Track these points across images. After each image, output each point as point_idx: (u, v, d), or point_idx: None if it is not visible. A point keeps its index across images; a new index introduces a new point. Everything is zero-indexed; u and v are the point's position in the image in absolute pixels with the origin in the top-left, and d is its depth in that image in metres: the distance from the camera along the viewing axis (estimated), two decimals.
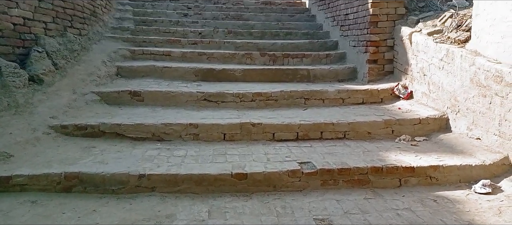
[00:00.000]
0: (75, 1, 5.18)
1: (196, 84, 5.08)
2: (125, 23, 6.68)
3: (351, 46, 5.83)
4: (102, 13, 6.16)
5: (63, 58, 4.59)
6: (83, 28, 5.36)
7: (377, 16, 5.02)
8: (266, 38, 6.86)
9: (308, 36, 6.95)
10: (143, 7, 7.60)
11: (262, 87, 4.96)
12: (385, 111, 4.39)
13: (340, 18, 6.28)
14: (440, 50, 4.01)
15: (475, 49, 3.71)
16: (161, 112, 4.22)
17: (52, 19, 4.66)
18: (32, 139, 3.41)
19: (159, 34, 6.53)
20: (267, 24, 7.36)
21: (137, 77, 5.19)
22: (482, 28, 3.63)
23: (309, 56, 6.09)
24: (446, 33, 4.15)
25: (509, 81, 3.09)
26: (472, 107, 3.59)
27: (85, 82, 4.58)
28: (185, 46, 6.27)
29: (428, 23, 4.58)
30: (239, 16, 7.63)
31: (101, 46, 5.53)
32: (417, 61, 4.51)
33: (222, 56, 5.94)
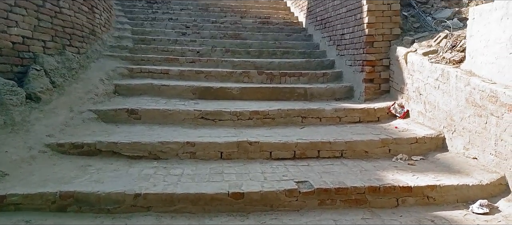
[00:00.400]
0: (75, 20, 5.23)
1: (194, 102, 5.09)
2: (123, 41, 6.73)
3: (348, 65, 5.89)
4: (101, 32, 6.21)
5: (61, 76, 4.60)
6: (82, 47, 5.40)
7: (372, 36, 5.09)
8: (264, 57, 6.91)
9: (305, 55, 7.02)
10: (142, 26, 7.67)
11: (259, 105, 4.98)
12: (382, 130, 4.40)
13: (337, 38, 6.35)
14: (435, 70, 4.05)
15: (470, 69, 3.76)
16: (158, 130, 4.21)
17: (51, 37, 4.69)
18: (27, 157, 3.39)
19: (158, 53, 6.58)
20: (265, 43, 7.43)
21: (134, 95, 5.20)
22: (477, 49, 3.68)
23: (306, 74, 6.14)
24: (441, 53, 4.21)
25: (504, 101, 3.12)
26: (468, 126, 3.61)
27: (82, 100, 4.58)
28: (183, 64, 6.31)
29: (423, 43, 4.64)
30: (237, 35, 7.70)
31: (99, 64, 5.56)
32: (412, 81, 4.55)
33: (220, 74, 5.98)
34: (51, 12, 4.69)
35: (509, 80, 3.25)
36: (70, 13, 5.13)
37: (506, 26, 3.29)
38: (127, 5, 8.50)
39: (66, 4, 5.02)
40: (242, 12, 9.14)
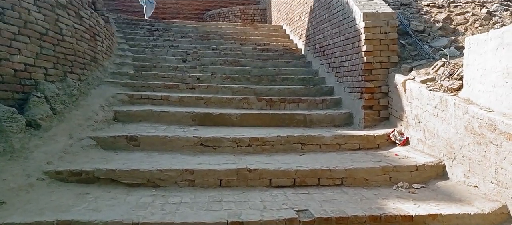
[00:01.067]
0: (77, 48, 5.30)
1: (193, 129, 5.10)
2: (124, 68, 6.80)
3: (347, 92, 5.93)
4: (103, 59, 6.28)
5: (62, 103, 4.62)
6: (83, 74, 5.45)
7: (371, 64, 5.15)
8: (263, 83, 6.97)
9: (304, 82, 7.08)
10: (143, 53, 7.77)
11: (259, 132, 4.98)
12: (382, 157, 4.39)
13: (335, 65, 6.43)
14: (433, 98, 4.08)
15: (468, 98, 3.78)
16: (157, 157, 4.20)
17: (53, 65, 4.75)
18: (25, 185, 3.36)
19: (158, 79, 6.63)
20: (264, 69, 7.51)
21: (134, 121, 5.20)
22: (474, 78, 3.72)
23: (305, 101, 6.17)
24: (439, 81, 4.25)
25: (503, 129, 3.13)
26: (468, 154, 3.60)
27: (82, 127, 4.58)
28: (183, 91, 6.35)
29: (421, 71, 4.69)
30: (237, 62, 7.79)
31: (99, 91, 5.59)
32: (411, 108, 4.58)
33: (220, 101, 6.01)
34: (53, 40, 4.77)
35: (507, 109, 3.27)
36: (73, 41, 5.20)
37: (501, 55, 3.34)
38: (128, 33, 8.64)
39: (69, 32, 5.10)
40: (242, 40, 9.28)
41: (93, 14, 6.01)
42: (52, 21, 4.77)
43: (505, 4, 6.19)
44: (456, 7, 6.21)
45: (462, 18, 5.76)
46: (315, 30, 7.49)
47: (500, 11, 5.82)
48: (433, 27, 5.63)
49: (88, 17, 5.76)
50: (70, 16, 5.22)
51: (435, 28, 5.60)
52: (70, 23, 5.18)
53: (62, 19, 4.98)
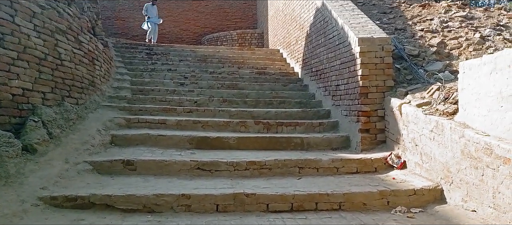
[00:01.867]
0: (75, 72, 5.34)
1: (190, 152, 5.08)
2: (122, 92, 6.83)
3: (343, 115, 5.96)
4: (101, 83, 6.32)
5: (59, 127, 4.61)
6: (80, 97, 5.47)
7: (366, 88, 5.20)
8: (260, 106, 7.00)
9: (301, 105, 7.11)
10: (141, 76, 7.82)
11: (256, 155, 4.97)
12: (380, 181, 4.37)
13: (332, 88, 6.48)
14: (429, 121, 4.11)
15: (464, 122, 3.81)
16: (153, 182, 4.17)
17: (51, 89, 4.77)
18: (20, 211, 3.32)
19: (155, 103, 6.66)
20: (261, 93, 7.56)
21: (131, 145, 5.19)
22: (469, 102, 3.76)
23: (302, 124, 6.19)
24: (435, 105, 4.29)
25: (499, 153, 3.14)
26: (465, 178, 3.60)
27: (78, 151, 4.56)
28: (181, 114, 6.37)
29: (417, 95, 4.74)
30: (234, 85, 7.85)
31: (97, 115, 5.60)
32: (408, 132, 4.60)
33: (217, 124, 6.02)
34: (52, 64, 4.80)
35: (502, 133, 3.30)
36: (71, 65, 5.24)
37: (495, 80, 3.39)
38: (127, 56, 8.72)
39: (68, 57, 5.15)
40: (240, 63, 9.37)
41: (92, 39, 6.08)
42: (51, 46, 4.82)
43: (497, 29, 6.32)
44: (449, 31, 6.33)
45: (456, 42, 5.86)
46: (312, 54, 7.59)
47: (492, 36, 5.93)
48: (428, 52, 5.71)
49: (87, 42, 5.83)
50: (70, 41, 5.27)
51: (430, 52, 5.69)
52: (69, 48, 5.23)
53: (61, 44, 5.04)
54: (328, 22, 6.54)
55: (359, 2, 8.97)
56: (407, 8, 8.09)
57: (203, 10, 15.57)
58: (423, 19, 7.07)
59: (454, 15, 7.01)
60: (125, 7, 15.77)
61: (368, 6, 8.70)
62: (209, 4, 15.83)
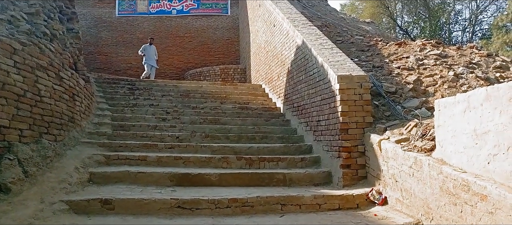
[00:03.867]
0: (55, 108, 5.26)
1: (171, 190, 4.99)
2: (102, 128, 6.74)
3: (325, 150, 6.01)
4: (81, 119, 6.23)
5: (35, 166, 4.49)
6: (59, 134, 5.36)
7: (347, 123, 5.29)
8: (243, 141, 7.00)
9: (283, 140, 7.14)
10: (122, 112, 7.76)
11: (238, 192, 4.92)
12: (362, 218, 4.37)
13: (313, 124, 6.56)
14: (408, 158, 4.19)
15: (441, 158, 3.90)
16: (132, 222, 4.06)
17: (29, 126, 4.67)
18: None
19: (136, 139, 6.58)
20: (244, 128, 7.58)
21: (110, 183, 5.07)
22: (445, 139, 3.87)
23: (284, 159, 6.19)
24: (413, 141, 4.38)
25: (476, 190, 3.21)
26: (445, 214, 3.64)
27: (55, 190, 4.43)
28: (162, 150, 6.29)
29: (395, 131, 4.84)
30: (217, 120, 7.85)
31: (75, 152, 5.48)
32: (388, 168, 4.66)
33: (199, 160, 5.96)
34: (31, 101, 4.73)
35: (478, 169, 3.38)
36: (51, 101, 5.18)
37: (469, 118, 3.51)
38: (108, 92, 8.67)
39: (48, 93, 5.09)
40: (222, 98, 9.42)
41: (73, 75, 6.04)
42: (31, 83, 4.77)
43: (470, 67, 6.60)
44: (425, 69, 6.57)
45: (431, 80, 6.08)
46: (293, 89, 7.72)
47: (466, 74, 6.19)
48: (405, 89, 5.90)
49: (68, 78, 5.79)
50: (50, 77, 5.23)
51: (406, 89, 5.87)
52: (50, 84, 5.18)
53: (42, 80, 4.99)
54: (308, 60, 6.71)
55: (338, 40, 9.28)
56: (384, 46, 8.40)
57: (186, 46, 15.77)
58: (400, 57, 7.33)
59: (429, 53, 7.30)
60: (108, 42, 15.84)
61: (346, 43, 9.00)
62: (192, 40, 16.06)
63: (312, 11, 12.99)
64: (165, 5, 16.09)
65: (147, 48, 12.76)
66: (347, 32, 10.91)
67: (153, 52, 12.90)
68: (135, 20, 16.01)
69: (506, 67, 6.69)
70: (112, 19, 15.97)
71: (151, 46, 12.84)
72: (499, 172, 3.13)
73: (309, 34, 7.28)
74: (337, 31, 10.82)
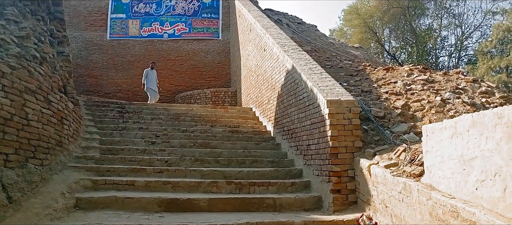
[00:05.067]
0: (42, 132, 5.19)
1: (159, 216, 4.91)
2: (90, 151, 6.65)
3: (315, 175, 6.00)
4: (68, 143, 6.14)
5: (20, 191, 4.39)
6: (46, 159, 5.27)
7: (336, 148, 5.31)
8: (233, 166, 6.95)
9: (273, 164, 7.12)
10: (111, 135, 7.68)
11: (228, 218, 4.86)
12: None
13: (303, 148, 6.57)
14: (397, 183, 4.20)
15: (430, 183, 3.92)
16: None
17: (15, 150, 4.59)
18: None
19: (125, 163, 6.49)
20: (234, 151, 7.54)
21: (96, 209, 4.97)
22: (434, 164, 3.89)
23: (274, 184, 6.16)
24: (402, 166, 4.41)
25: (465, 216, 3.21)
26: None
27: (39, 216, 4.32)
28: (150, 175, 6.21)
29: (384, 156, 4.87)
30: (207, 144, 7.81)
31: (62, 176, 5.38)
32: (378, 192, 4.66)
33: (188, 184, 5.90)
34: (18, 125, 4.67)
35: (466, 195, 3.40)
36: (38, 125, 5.11)
37: (456, 144, 3.55)
38: (97, 115, 8.60)
39: (35, 117, 5.03)
40: (213, 121, 9.41)
41: (62, 98, 6.00)
42: (19, 106, 4.72)
43: (456, 92, 6.73)
44: (413, 94, 6.68)
45: (419, 105, 6.17)
46: (283, 113, 7.75)
47: (453, 99, 6.30)
48: (393, 113, 5.97)
49: (57, 101, 5.74)
50: (39, 101, 5.18)
51: (395, 114, 5.94)
52: (38, 108, 5.13)
53: (30, 104, 4.94)
54: (298, 84, 6.78)
55: (327, 64, 9.43)
56: (372, 71, 8.54)
57: (177, 69, 15.83)
58: (388, 82, 7.45)
59: (416, 78, 7.44)
60: (99, 65, 15.84)
61: (336, 68, 9.14)
62: (183, 63, 16.15)
63: (302, 36, 13.22)
64: (157, 29, 16.23)
65: (149, 73, 12.68)
66: (336, 57, 11.10)
67: (155, 77, 12.83)
68: (126, 43, 16.09)
69: (492, 92, 6.83)
70: (103, 42, 16.03)
71: (153, 71, 12.78)
72: (487, 198, 3.15)
73: (298, 58, 7.38)
74: (326, 56, 11.00)
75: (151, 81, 12.66)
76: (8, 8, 5.87)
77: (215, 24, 16.38)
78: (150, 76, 12.68)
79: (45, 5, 6.90)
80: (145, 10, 16.26)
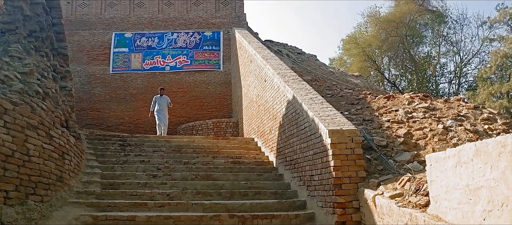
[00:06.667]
0: (43, 168, 5.16)
1: None
2: (91, 186, 6.59)
3: (319, 206, 5.90)
4: (69, 178, 6.10)
5: None
6: (46, 195, 5.21)
7: (340, 178, 5.25)
8: (235, 198, 6.86)
9: (276, 196, 7.02)
10: (112, 169, 7.63)
11: None
12: None
13: (306, 178, 6.49)
14: (403, 214, 4.12)
15: (437, 214, 3.84)
16: None
17: (15, 187, 4.55)
18: None
19: (126, 198, 6.41)
20: (236, 183, 7.46)
21: None
22: (439, 194, 3.83)
23: (278, 216, 6.04)
24: (407, 197, 4.34)
25: None
26: None
27: None
28: (152, 209, 6.12)
29: (389, 186, 4.81)
30: (209, 176, 7.74)
31: (62, 213, 5.31)
32: (383, 224, 4.56)
33: (190, 219, 5.79)
34: (19, 161, 4.65)
35: None
36: (39, 161, 5.09)
37: (461, 173, 3.50)
38: (99, 149, 8.58)
39: (36, 153, 5.02)
40: (215, 152, 9.37)
41: (64, 133, 6.00)
42: (20, 142, 4.71)
43: (458, 119, 6.71)
44: (414, 122, 6.66)
45: (421, 133, 6.14)
46: (285, 143, 7.72)
47: (455, 127, 6.27)
48: (396, 142, 5.94)
49: (59, 136, 5.74)
50: (40, 136, 5.19)
51: (397, 142, 5.91)
52: (39, 143, 5.12)
53: (31, 140, 4.94)
54: (299, 114, 6.79)
55: (328, 93, 9.48)
56: (373, 99, 8.57)
57: (179, 101, 15.90)
58: (389, 110, 7.46)
59: (417, 106, 7.45)
60: (101, 98, 15.95)
61: (336, 97, 9.17)
62: (185, 95, 16.25)
63: (302, 66, 13.37)
64: (159, 62, 16.45)
65: (158, 100, 12.29)
66: (337, 86, 11.17)
67: (166, 103, 12.38)
68: (128, 76, 16.26)
69: (494, 119, 6.81)
70: (106, 75, 16.20)
71: (163, 97, 12.41)
72: None
73: (299, 88, 7.43)
74: (326, 85, 11.07)
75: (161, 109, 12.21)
76: (12, 45, 5.99)
77: (216, 56, 16.60)
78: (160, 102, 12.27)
79: (49, 41, 7.04)
80: (148, 44, 16.54)
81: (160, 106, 12.31)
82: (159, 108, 12.31)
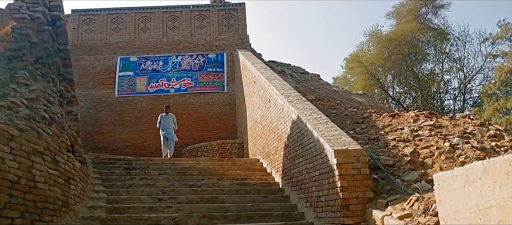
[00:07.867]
0: (48, 194, 5.15)
1: None
2: (97, 211, 6.55)
3: None
4: (75, 203, 6.07)
5: None
6: (52, 221, 5.19)
7: (347, 199, 5.18)
8: (241, 221, 6.77)
9: (283, 218, 6.93)
10: (118, 193, 7.60)
11: None
12: None
13: (313, 199, 6.42)
14: None
15: None
16: None
17: (20, 213, 4.54)
18: None
19: (131, 222, 6.35)
20: (242, 206, 7.38)
21: None
22: (448, 214, 3.76)
23: None
24: (416, 217, 4.27)
25: None
26: None
27: None
28: None
29: (397, 207, 4.73)
30: (214, 199, 7.67)
31: None
32: None
33: None
34: (25, 187, 4.65)
35: None
36: (45, 186, 5.09)
37: (470, 192, 3.45)
38: (104, 173, 8.57)
39: (42, 179, 5.02)
40: (220, 174, 9.31)
41: (69, 158, 6.02)
42: (26, 168, 4.73)
43: (464, 136, 6.66)
44: (421, 140, 6.61)
45: (427, 151, 6.09)
46: (291, 164, 7.67)
47: (461, 144, 6.22)
48: (402, 161, 5.88)
49: (64, 162, 5.76)
50: (46, 162, 5.20)
51: (404, 161, 5.85)
52: (45, 169, 5.13)
53: (37, 166, 4.95)
54: (304, 134, 6.77)
55: (332, 112, 9.47)
56: (378, 118, 8.54)
57: (184, 123, 15.92)
58: (394, 129, 7.42)
59: (423, 124, 7.41)
60: (107, 121, 16.04)
61: (341, 116, 9.16)
62: (190, 116, 16.30)
63: (305, 85, 13.42)
64: (164, 85, 16.59)
65: (163, 118, 12.05)
66: (341, 105, 11.17)
67: (171, 121, 12.11)
68: (134, 99, 16.38)
69: (501, 135, 6.75)
70: (111, 99, 16.34)
71: (168, 115, 12.17)
72: None
73: (303, 108, 7.43)
74: (331, 104, 11.08)
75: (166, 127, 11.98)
76: (19, 71, 6.09)
77: (220, 77, 16.72)
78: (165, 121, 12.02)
79: (55, 67, 7.15)
80: (153, 67, 16.73)
81: (165, 124, 12.04)
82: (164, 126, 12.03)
